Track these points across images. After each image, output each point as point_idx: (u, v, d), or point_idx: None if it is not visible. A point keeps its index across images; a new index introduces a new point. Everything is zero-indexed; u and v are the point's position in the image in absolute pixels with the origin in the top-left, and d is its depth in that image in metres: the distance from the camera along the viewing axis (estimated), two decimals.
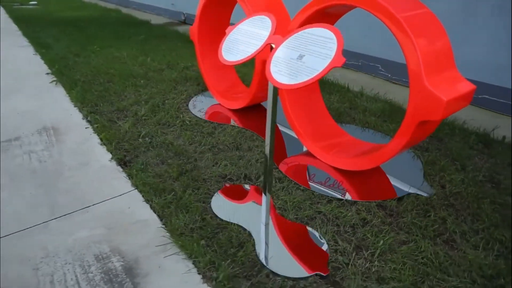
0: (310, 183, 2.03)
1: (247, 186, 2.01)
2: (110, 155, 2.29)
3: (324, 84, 3.57)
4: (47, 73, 3.83)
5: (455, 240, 1.64)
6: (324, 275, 1.46)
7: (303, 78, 1.10)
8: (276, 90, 1.38)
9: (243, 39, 1.40)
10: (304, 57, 1.15)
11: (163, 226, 1.70)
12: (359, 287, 1.40)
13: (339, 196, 1.92)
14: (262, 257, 1.52)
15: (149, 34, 5.69)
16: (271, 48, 1.32)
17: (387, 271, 1.48)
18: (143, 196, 1.90)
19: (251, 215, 1.77)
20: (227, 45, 1.46)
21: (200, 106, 3.08)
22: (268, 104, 1.43)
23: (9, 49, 4.80)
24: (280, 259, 1.52)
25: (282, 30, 2.49)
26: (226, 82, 3.24)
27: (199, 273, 1.45)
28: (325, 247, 1.59)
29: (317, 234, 1.67)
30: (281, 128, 2.71)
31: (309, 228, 1.70)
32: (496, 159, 2.28)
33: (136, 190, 1.96)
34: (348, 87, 3.53)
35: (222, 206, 1.82)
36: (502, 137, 2.53)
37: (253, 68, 3.24)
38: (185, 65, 4.10)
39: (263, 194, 1.69)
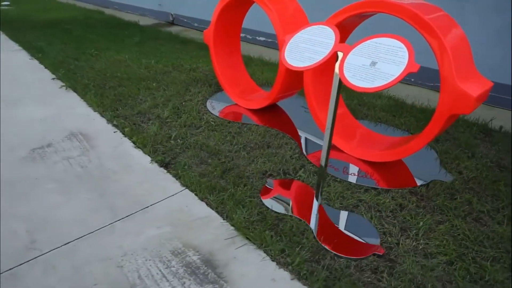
0: (344, 175, 2.22)
1: (290, 181, 2.17)
2: (149, 158, 2.37)
3: None
4: (53, 79, 3.78)
5: (482, 218, 1.88)
6: (381, 254, 1.65)
7: (380, 83, 1.28)
8: (338, 95, 1.55)
9: (308, 46, 1.56)
10: (377, 64, 1.33)
11: (225, 221, 1.82)
12: (413, 263, 1.61)
13: (374, 186, 2.12)
14: (323, 242, 1.69)
15: (143, 36, 5.68)
16: (337, 55, 1.49)
17: (433, 247, 1.69)
18: (196, 194, 2.01)
19: (304, 207, 1.93)
20: (290, 52, 1.61)
21: (218, 107, 3.19)
22: (330, 111, 1.59)
23: (2, 54, 4.65)
24: (340, 244, 1.70)
25: None
26: (241, 83, 3.37)
27: (273, 260, 1.59)
28: (374, 231, 1.79)
29: (365, 219, 1.86)
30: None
31: (356, 214, 1.89)
32: (498, 146, 2.58)
33: (187, 189, 2.06)
34: None
35: (273, 200, 1.97)
36: (500, 127, 2.85)
37: (258, 69, 3.37)
38: (190, 67, 4.18)
39: (314, 199, 1.87)
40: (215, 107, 3.19)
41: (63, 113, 3.01)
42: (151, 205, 1.93)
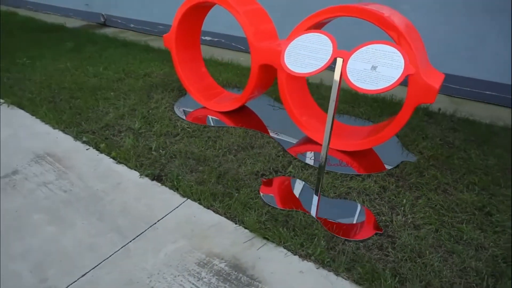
0: (328, 166, 2.43)
1: (283, 178, 2.30)
2: (136, 173, 2.29)
3: None
4: None
5: (448, 189, 2.24)
6: (381, 232, 1.89)
7: (384, 85, 1.47)
8: (337, 98, 1.71)
9: (307, 53, 1.68)
10: (378, 68, 1.51)
11: (238, 225, 1.89)
12: (408, 235, 1.87)
13: (357, 173, 2.36)
14: (333, 231, 1.86)
15: (77, 40, 5.23)
16: (335, 61, 1.64)
17: (419, 219, 1.98)
18: (200, 203, 2.03)
19: (306, 201, 2.08)
20: (290, 59, 1.72)
21: (188, 112, 3.16)
22: (329, 113, 1.75)
23: None
24: (346, 229, 1.89)
25: (270, 37, 2.79)
26: (206, 86, 3.38)
27: (295, 254, 1.72)
28: (369, 213, 2.02)
29: (359, 204, 2.08)
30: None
31: (350, 201, 2.10)
32: (441, 126, 3.04)
33: (189, 199, 2.07)
34: (308, 80, 4.00)
35: (275, 199, 2.09)
36: (438, 109, 3.33)
37: (214, 70, 3.39)
38: (144, 72, 4.02)
39: (314, 195, 2.03)
40: (184, 112, 3.16)
41: (19, 134, 2.71)
42: (158, 220, 1.90)
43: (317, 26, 2.42)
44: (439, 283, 1.61)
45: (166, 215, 1.94)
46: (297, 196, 2.14)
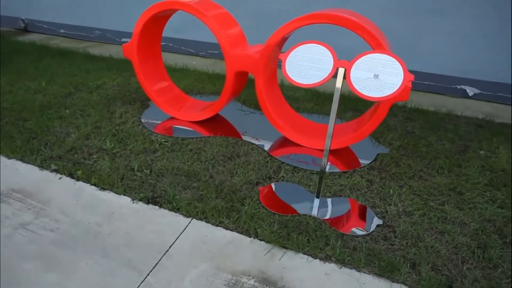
0: (315, 166, 2.54)
1: (279, 184, 2.34)
2: (127, 198, 2.13)
3: None
4: None
5: (422, 175, 2.51)
6: (381, 223, 2.05)
7: (389, 92, 1.60)
8: (338, 106, 1.80)
9: (309, 64, 1.73)
10: (379, 76, 1.63)
11: (253, 238, 1.89)
12: (405, 222, 2.06)
13: (343, 170, 2.51)
14: (341, 229, 1.97)
15: (0, 50, 4.57)
16: (337, 70, 1.72)
17: (408, 206, 2.19)
18: (207, 221, 1.98)
19: (306, 204, 2.15)
20: (292, 71, 1.75)
21: (157, 124, 3.01)
22: (331, 120, 1.83)
23: None
24: (350, 225, 2.01)
25: (241, 42, 2.79)
26: (174, 96, 3.24)
27: (315, 258, 1.79)
28: (366, 207, 2.18)
29: (353, 199, 2.23)
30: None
31: (345, 198, 2.24)
32: (398, 117, 3.36)
33: (194, 219, 2.00)
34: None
35: (278, 206, 2.13)
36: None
37: (172, 77, 3.30)
38: (95, 84, 3.69)
39: (315, 198, 2.12)
40: (154, 125, 3.00)
41: None
42: (170, 246, 1.81)
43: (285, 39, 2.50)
44: (441, 262, 1.82)
45: (176, 240, 1.86)
46: (297, 200, 2.21)
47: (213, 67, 4.65)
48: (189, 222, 1.98)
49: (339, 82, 1.73)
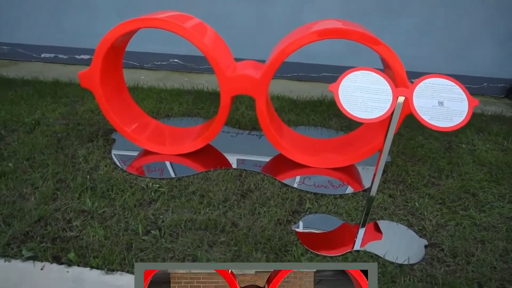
0: (334, 189, 2.38)
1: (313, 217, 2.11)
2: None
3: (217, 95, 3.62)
4: None
5: (434, 181, 2.53)
6: (427, 244, 1.99)
7: (459, 120, 1.49)
8: (393, 133, 1.64)
9: (367, 95, 1.53)
10: (444, 103, 1.52)
11: None
12: (445, 237, 2.03)
13: (361, 190, 2.40)
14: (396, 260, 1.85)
15: None
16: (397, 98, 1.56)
17: (439, 218, 2.17)
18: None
19: (344, 236, 1.98)
20: (348, 104, 1.53)
21: (136, 164, 2.51)
22: (384, 151, 1.67)
23: None
24: (404, 254, 1.90)
25: (231, 60, 2.45)
26: (153, 130, 2.73)
27: None
28: (403, 226, 2.10)
29: (388, 220, 2.13)
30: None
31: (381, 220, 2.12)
32: None
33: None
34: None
35: (325, 245, 1.91)
36: None
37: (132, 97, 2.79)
38: (31, 120, 2.92)
39: (360, 228, 1.95)
40: (133, 166, 2.49)
41: None
42: None
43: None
44: (498, 274, 1.83)
45: None
46: (339, 233, 2.03)
47: (167, 81, 4.13)
48: None
49: (397, 111, 1.57)
